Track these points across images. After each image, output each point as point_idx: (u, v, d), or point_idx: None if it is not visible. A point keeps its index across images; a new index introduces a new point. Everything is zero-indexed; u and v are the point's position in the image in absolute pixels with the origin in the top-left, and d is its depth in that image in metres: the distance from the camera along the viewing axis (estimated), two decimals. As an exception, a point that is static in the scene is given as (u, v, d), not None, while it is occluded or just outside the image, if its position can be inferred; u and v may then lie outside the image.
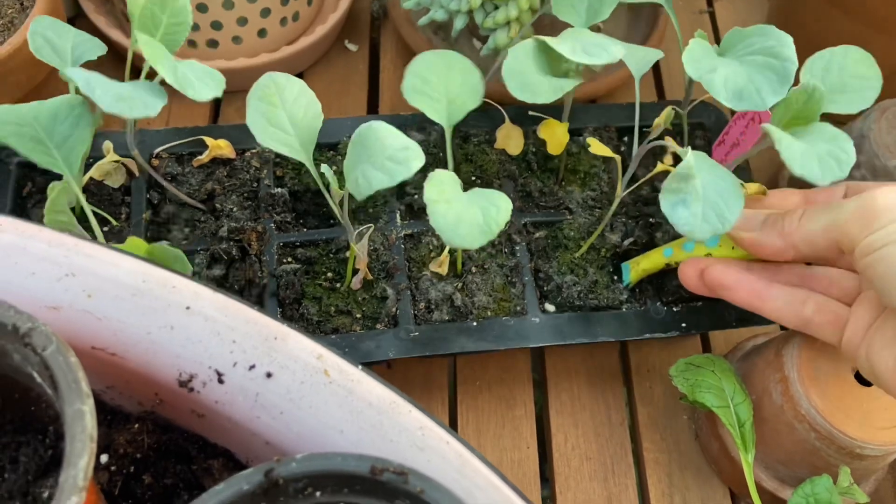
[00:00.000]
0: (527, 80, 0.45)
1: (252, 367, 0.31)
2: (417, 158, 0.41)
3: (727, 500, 0.55)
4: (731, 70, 0.43)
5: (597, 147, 0.48)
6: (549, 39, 0.46)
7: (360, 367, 0.32)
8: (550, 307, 0.53)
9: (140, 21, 0.46)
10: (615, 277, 0.54)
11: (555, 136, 0.54)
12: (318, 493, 0.28)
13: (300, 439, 0.31)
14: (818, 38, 0.68)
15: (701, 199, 0.40)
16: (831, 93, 0.44)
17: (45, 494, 0.30)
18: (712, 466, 0.55)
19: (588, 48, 0.45)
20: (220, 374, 0.31)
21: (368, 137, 0.42)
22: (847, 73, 0.45)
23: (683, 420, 0.57)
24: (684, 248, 0.51)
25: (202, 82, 0.42)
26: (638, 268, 0.52)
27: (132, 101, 0.41)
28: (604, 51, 0.45)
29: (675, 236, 0.53)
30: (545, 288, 0.53)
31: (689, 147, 0.43)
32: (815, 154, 0.40)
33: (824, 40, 0.69)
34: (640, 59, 0.49)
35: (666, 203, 0.41)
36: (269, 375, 0.31)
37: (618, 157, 0.50)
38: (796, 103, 0.42)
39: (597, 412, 0.58)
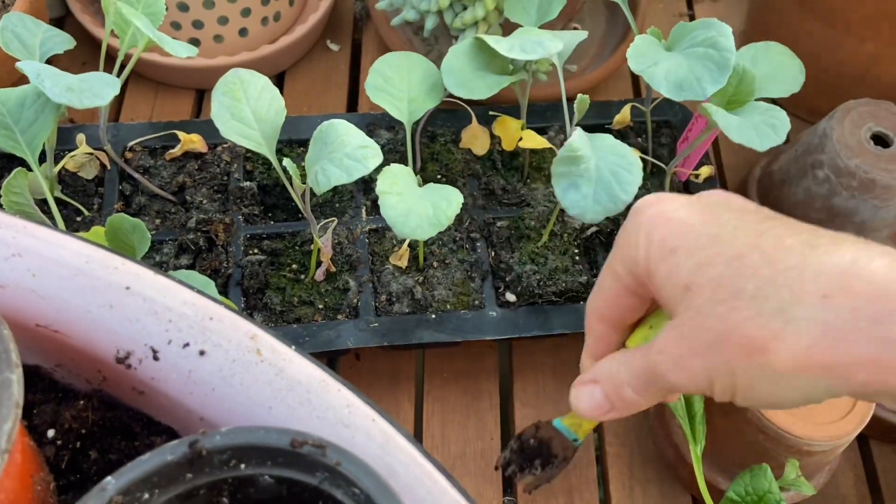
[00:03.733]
0: (463, 77, 0.47)
1: (186, 345, 0.32)
2: (375, 157, 0.42)
3: (686, 494, 0.56)
4: (673, 63, 0.44)
5: (530, 140, 0.49)
6: (487, 38, 0.48)
7: (293, 347, 0.33)
8: (511, 297, 0.54)
9: (115, 13, 0.48)
10: (576, 260, 0.54)
11: (509, 131, 0.55)
12: (242, 465, 0.30)
13: (231, 415, 0.32)
14: (792, 41, 0.69)
15: (593, 181, 0.40)
16: (763, 80, 0.45)
17: (-11, 465, 0.32)
18: (671, 472, 0.56)
19: (525, 45, 0.46)
20: (155, 352, 0.32)
21: (329, 135, 0.43)
22: (773, 62, 0.47)
23: (644, 415, 0.58)
24: None
25: (178, 44, 0.44)
26: (582, 428, 0.51)
27: (81, 92, 0.42)
28: (539, 46, 0.46)
29: None
30: (506, 278, 0.54)
31: (578, 131, 0.43)
32: (751, 124, 0.42)
33: (798, 43, 0.70)
34: (566, 42, 0.50)
35: (558, 187, 0.41)
36: (202, 353, 0.32)
37: (554, 147, 0.51)
38: (730, 86, 0.43)
39: (561, 404, 0.59)
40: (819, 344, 0.30)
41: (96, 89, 0.41)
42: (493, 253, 0.56)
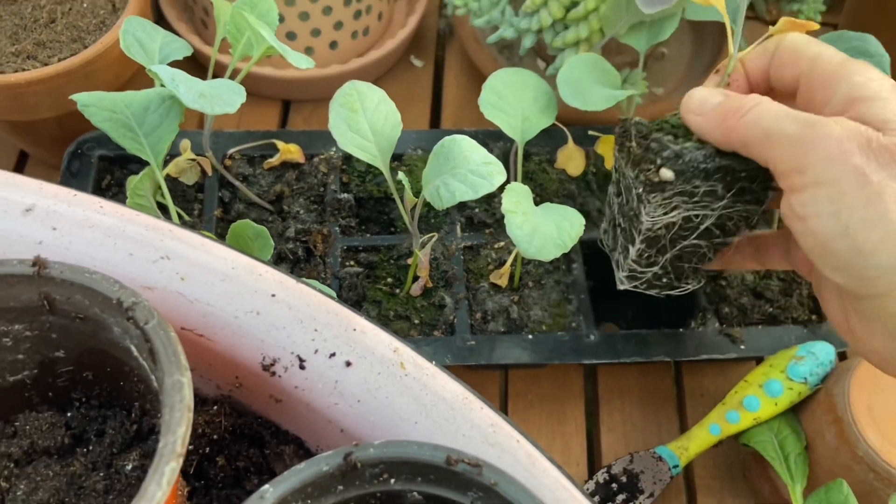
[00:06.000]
0: (580, 88, 0.47)
1: (332, 355, 0.32)
2: (500, 174, 0.42)
3: (778, 530, 0.54)
4: None
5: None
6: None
7: (433, 362, 0.32)
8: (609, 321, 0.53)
9: (230, 22, 0.48)
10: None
11: (612, 151, 0.54)
12: (392, 480, 0.29)
13: (375, 429, 0.31)
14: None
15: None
16: None
17: (129, 467, 0.32)
18: (765, 510, 0.54)
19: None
20: (301, 360, 0.32)
21: (452, 150, 0.43)
22: (849, 51, 0.47)
23: (737, 446, 0.57)
24: (728, 419, 0.51)
25: (298, 55, 0.45)
26: (687, 454, 0.52)
27: (213, 99, 0.43)
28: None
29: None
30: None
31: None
32: None
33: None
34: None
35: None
36: (348, 364, 0.32)
37: None
38: None
39: (649, 433, 0.58)
40: None
41: (225, 96, 0.42)
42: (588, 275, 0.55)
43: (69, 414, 0.33)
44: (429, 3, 0.77)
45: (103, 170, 0.56)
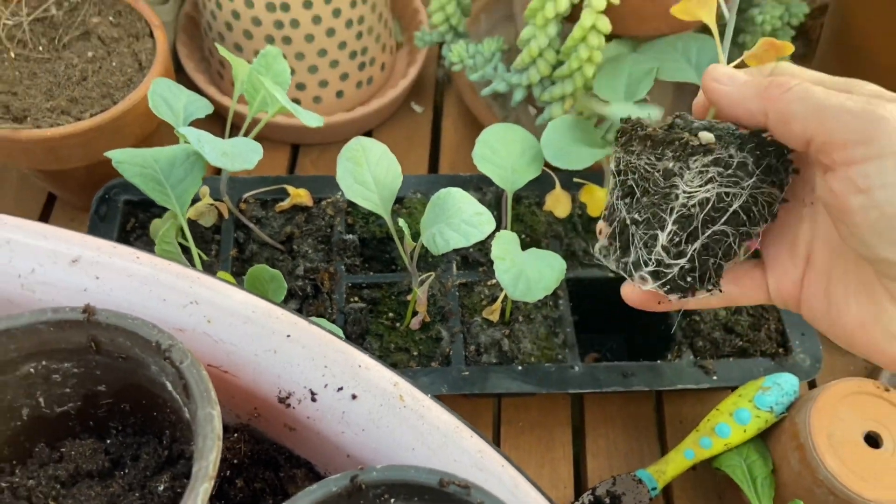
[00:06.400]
0: (563, 149, 0.52)
1: (340, 388, 0.36)
2: (489, 223, 0.47)
3: (752, 550, 0.58)
4: None
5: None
6: (593, 102, 0.53)
7: (429, 395, 0.37)
8: (593, 353, 0.57)
9: (247, 82, 0.53)
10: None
11: (594, 199, 0.59)
12: (392, 500, 0.34)
13: (377, 454, 0.36)
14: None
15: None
16: None
17: (161, 488, 0.36)
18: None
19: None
20: (313, 394, 0.36)
21: (447, 202, 0.48)
22: None
23: (714, 470, 0.61)
24: (701, 445, 0.56)
25: (309, 114, 0.49)
26: (665, 476, 0.56)
27: (234, 157, 0.48)
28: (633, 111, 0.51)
29: None
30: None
31: None
32: None
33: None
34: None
35: None
36: (354, 397, 0.36)
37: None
38: None
39: (632, 458, 0.62)
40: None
41: (245, 155, 0.47)
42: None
43: (108, 441, 0.38)
44: (428, 53, 0.82)
45: (128, 213, 0.61)
